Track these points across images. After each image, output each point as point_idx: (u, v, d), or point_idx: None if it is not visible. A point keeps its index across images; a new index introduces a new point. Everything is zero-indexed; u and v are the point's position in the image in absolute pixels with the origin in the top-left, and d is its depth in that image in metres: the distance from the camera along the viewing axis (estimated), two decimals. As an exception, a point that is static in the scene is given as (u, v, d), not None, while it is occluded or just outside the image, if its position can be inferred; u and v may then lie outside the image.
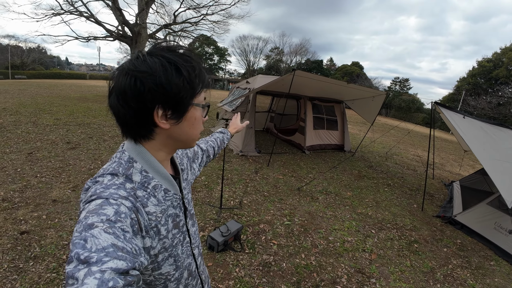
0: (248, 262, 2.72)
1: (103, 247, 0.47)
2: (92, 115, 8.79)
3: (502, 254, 3.56)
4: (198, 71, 0.66)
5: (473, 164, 10.00)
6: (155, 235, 0.66)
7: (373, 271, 2.87)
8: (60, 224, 2.90)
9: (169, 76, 0.61)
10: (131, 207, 0.58)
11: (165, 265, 0.72)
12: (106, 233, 0.49)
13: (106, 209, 0.54)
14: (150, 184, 0.67)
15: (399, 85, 42.49)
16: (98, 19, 13.89)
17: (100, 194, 0.57)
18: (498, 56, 29.50)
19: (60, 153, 4.98)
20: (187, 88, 0.64)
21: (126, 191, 0.61)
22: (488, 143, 3.89)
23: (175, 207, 0.75)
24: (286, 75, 5.43)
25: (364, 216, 4.14)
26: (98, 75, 39.76)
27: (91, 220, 0.51)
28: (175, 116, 0.65)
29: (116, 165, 0.65)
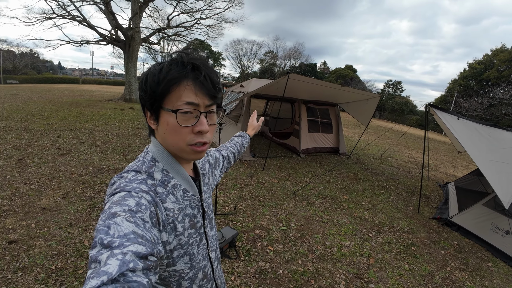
0: (243, 270, 2.65)
1: (125, 234, 0.50)
2: (84, 120, 8.68)
3: (499, 255, 3.54)
4: (165, 73, 0.66)
5: (467, 165, 10.08)
6: (172, 230, 0.70)
7: (372, 276, 2.82)
8: (49, 233, 2.81)
9: (142, 83, 0.69)
10: (151, 200, 0.63)
11: (180, 263, 0.75)
12: (128, 222, 0.53)
13: (128, 200, 0.58)
14: (169, 183, 0.72)
15: (392, 88, 42.97)
16: (91, 23, 13.78)
17: (123, 187, 0.62)
18: (489, 58, 30.02)
19: (50, 159, 4.87)
20: (150, 91, 0.67)
21: (147, 186, 0.66)
22: (482, 143, 3.90)
23: (193, 208, 0.78)
24: (280, 78, 5.41)
25: (361, 220, 4.11)
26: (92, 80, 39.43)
27: (114, 210, 0.55)
28: (154, 118, 0.71)
29: (140, 163, 0.72)
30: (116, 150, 5.87)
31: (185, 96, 0.66)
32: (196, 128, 0.69)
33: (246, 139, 1.38)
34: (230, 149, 1.22)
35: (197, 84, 0.67)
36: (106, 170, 4.66)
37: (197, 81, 0.67)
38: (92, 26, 13.83)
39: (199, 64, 0.68)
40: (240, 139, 1.35)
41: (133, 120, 9.81)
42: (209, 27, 16.84)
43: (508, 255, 3.46)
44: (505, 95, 23.90)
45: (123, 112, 11.41)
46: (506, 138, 3.83)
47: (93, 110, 11.07)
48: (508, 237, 3.48)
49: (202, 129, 0.69)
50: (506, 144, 3.71)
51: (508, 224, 3.45)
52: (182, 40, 18.48)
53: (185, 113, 0.67)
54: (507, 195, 3.05)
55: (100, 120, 9.05)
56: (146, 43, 16.25)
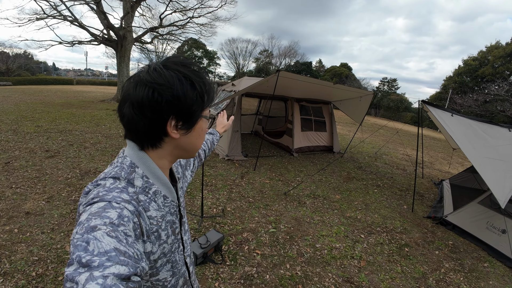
0: (228, 275, 2.54)
1: (106, 251, 0.46)
2: (75, 122, 8.53)
3: (495, 254, 3.46)
4: (208, 87, 0.70)
5: (462, 161, 10.04)
6: (156, 240, 0.68)
7: (362, 279, 2.72)
8: (32, 238, 2.77)
9: (185, 89, 0.65)
10: (133, 211, 0.59)
11: (163, 271, 0.73)
12: (109, 237, 0.49)
13: (109, 212, 0.54)
14: (151, 190, 0.69)
15: (387, 85, 43.03)
16: (82, 23, 13.58)
17: (102, 196, 0.57)
18: (484, 55, 30.14)
19: (37, 162, 4.76)
20: (199, 101, 0.68)
21: (129, 195, 0.62)
22: (478, 140, 3.81)
23: (172, 214, 0.76)
24: (270, 76, 5.31)
25: (353, 220, 4.01)
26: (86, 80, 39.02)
27: (94, 223, 0.50)
28: (185, 126, 0.69)
29: (118, 169, 0.66)
30: (105, 151, 5.75)
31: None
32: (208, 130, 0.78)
33: (217, 137, 1.37)
34: (201, 147, 1.18)
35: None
36: (93, 173, 4.55)
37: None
38: (83, 26, 13.64)
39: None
40: (211, 136, 1.33)
41: (125, 120, 9.66)
42: (202, 26, 16.68)
43: (504, 254, 3.38)
44: (500, 91, 23.96)
45: (115, 112, 11.10)
46: (501, 135, 3.74)
47: (85, 111, 10.91)
48: (504, 236, 3.40)
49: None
50: (502, 140, 3.62)
51: (504, 223, 3.37)
52: (175, 39, 18.34)
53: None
54: (503, 194, 2.96)
55: (91, 121, 8.91)
56: (138, 42, 16.07)
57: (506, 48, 27.20)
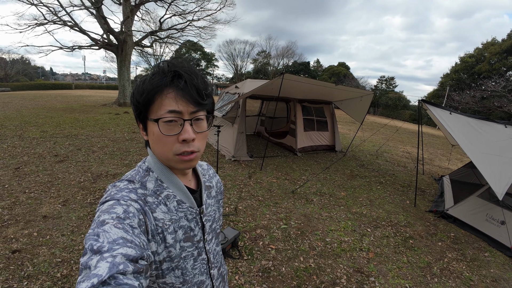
0: (247, 269, 2.70)
1: (114, 240, 0.51)
2: (80, 126, 8.64)
3: (495, 245, 3.64)
4: (148, 83, 0.66)
5: (461, 157, 10.23)
6: (161, 241, 0.68)
7: (372, 269, 2.89)
8: (52, 241, 2.82)
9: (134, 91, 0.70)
10: (139, 209, 0.63)
11: (170, 275, 0.72)
12: (116, 228, 0.54)
13: (116, 208, 0.59)
14: (162, 193, 0.72)
15: (385, 84, 43.26)
16: (82, 28, 13.70)
17: (113, 196, 0.63)
18: (480, 51, 30.33)
19: (48, 166, 4.86)
20: (135, 103, 0.69)
21: (137, 195, 0.66)
22: (475, 137, 3.98)
23: (190, 220, 0.76)
24: (275, 79, 5.46)
25: (359, 215, 4.18)
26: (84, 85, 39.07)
27: (103, 218, 0.56)
28: (144, 129, 0.72)
29: (134, 173, 0.73)
30: (113, 155, 5.87)
31: (166, 104, 0.65)
32: (181, 136, 0.66)
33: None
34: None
35: (178, 92, 0.65)
36: (105, 176, 4.66)
37: (178, 88, 0.65)
38: (83, 31, 13.76)
39: (181, 72, 0.66)
40: None
41: (129, 124, 9.79)
42: (201, 29, 16.86)
43: (504, 244, 3.54)
44: (497, 87, 24.20)
45: (118, 116, 11.38)
46: (497, 131, 3.92)
47: (88, 115, 11.02)
48: (503, 227, 3.57)
49: (186, 137, 0.66)
50: (498, 136, 3.80)
51: (503, 215, 3.54)
52: (174, 43, 18.47)
53: (169, 122, 0.65)
54: (501, 186, 3.13)
55: (95, 125, 9.02)
56: (138, 46, 16.21)
57: (502, 44, 27.35)
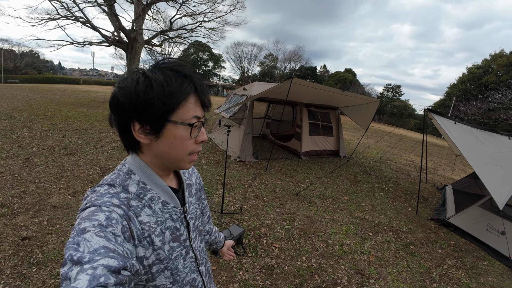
0: (251, 266, 2.77)
1: (95, 249, 0.49)
2: (88, 121, 8.78)
3: (495, 254, 3.68)
4: (170, 88, 0.64)
5: (465, 168, 10.23)
6: (149, 245, 0.67)
7: (372, 272, 2.95)
8: (62, 230, 2.89)
9: (139, 92, 0.62)
10: (122, 214, 0.60)
11: (160, 277, 0.71)
12: (98, 236, 0.51)
13: (98, 215, 0.56)
14: (146, 196, 0.69)
15: (391, 92, 43.22)
16: (94, 25, 13.91)
17: (94, 202, 0.60)
18: (488, 63, 30.26)
19: (57, 158, 4.97)
20: (158, 104, 0.63)
21: (120, 200, 0.63)
22: (479, 147, 4.04)
23: (175, 220, 0.75)
24: (283, 82, 5.55)
25: (361, 220, 4.24)
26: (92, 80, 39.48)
27: (83, 225, 0.53)
28: (153, 132, 0.65)
29: (115, 176, 0.69)
30: (121, 150, 5.95)
31: (193, 110, 0.68)
32: (200, 138, 0.72)
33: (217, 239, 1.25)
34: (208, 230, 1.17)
35: (202, 99, 0.70)
36: (113, 170, 4.75)
37: (201, 95, 0.70)
38: (95, 28, 13.97)
39: (200, 78, 0.71)
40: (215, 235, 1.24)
41: (136, 121, 9.90)
42: (211, 30, 17.00)
43: (503, 254, 3.59)
44: (504, 100, 24.14)
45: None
46: (501, 142, 3.97)
47: (96, 110, 11.17)
48: (503, 237, 3.61)
49: (204, 138, 0.73)
50: (501, 148, 3.85)
51: (503, 225, 3.59)
52: (183, 42, 18.65)
53: (195, 126, 0.69)
54: (502, 196, 3.19)
55: (103, 120, 9.15)
56: (148, 45, 16.39)
57: (510, 57, 27.29)
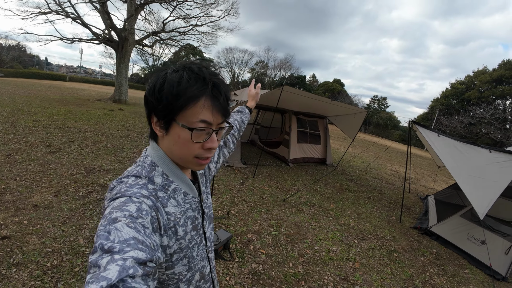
0: (238, 271, 2.75)
1: (125, 239, 0.50)
2: (73, 119, 8.56)
3: (475, 263, 3.81)
4: (184, 87, 0.65)
5: (446, 179, 10.55)
6: (173, 235, 0.69)
7: (357, 278, 2.99)
8: (43, 230, 2.80)
9: (156, 88, 0.66)
10: (152, 205, 0.62)
11: (179, 265, 0.74)
12: (128, 227, 0.52)
13: (129, 206, 0.57)
14: (170, 187, 0.72)
15: (378, 103, 44.32)
16: (84, 21, 13.67)
17: (124, 192, 0.61)
18: (471, 79, 31.50)
19: (40, 156, 4.81)
20: (165, 103, 0.65)
21: (148, 191, 0.65)
22: (460, 160, 4.18)
23: (194, 210, 0.78)
24: (274, 90, 5.61)
25: (347, 227, 4.30)
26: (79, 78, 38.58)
27: (115, 215, 0.54)
28: (163, 127, 0.69)
29: (140, 168, 0.71)
30: (107, 150, 5.84)
31: (202, 115, 0.66)
32: (207, 144, 0.70)
33: (245, 115, 1.24)
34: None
35: (215, 104, 0.67)
36: (98, 170, 4.64)
37: (216, 101, 0.67)
38: (86, 25, 13.72)
39: (219, 83, 0.68)
40: (239, 115, 1.22)
41: (123, 121, 9.74)
42: (203, 34, 17.00)
43: (483, 263, 3.71)
44: (485, 115, 25.15)
45: (112, 113, 11.31)
46: (481, 155, 4.12)
47: (82, 109, 10.92)
48: (483, 247, 3.74)
49: (213, 146, 0.70)
50: (482, 160, 4.00)
51: (483, 235, 3.71)
52: (175, 45, 18.56)
53: (200, 131, 0.67)
54: (482, 207, 3.31)
55: (89, 119, 8.95)
56: (139, 45, 16.23)
57: (493, 73, 28.47)
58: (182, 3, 15.04)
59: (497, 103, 27.93)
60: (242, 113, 1.24)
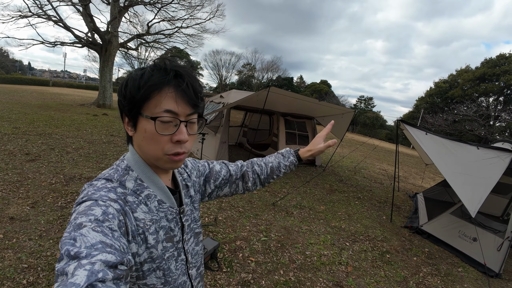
0: (226, 282, 2.63)
1: (92, 244, 0.48)
2: (54, 125, 8.26)
3: (468, 260, 3.80)
4: (146, 79, 0.63)
5: (434, 176, 10.70)
6: (142, 242, 0.66)
7: (350, 283, 2.91)
8: (19, 244, 2.65)
9: (123, 85, 0.67)
10: (119, 209, 0.60)
11: (151, 277, 0.69)
12: (94, 231, 0.51)
13: (95, 209, 0.55)
14: (143, 193, 0.69)
15: (364, 103, 44.98)
16: (67, 24, 13.32)
17: (91, 196, 0.59)
18: (454, 78, 32.36)
19: (18, 165, 4.59)
20: (129, 97, 0.65)
21: (117, 194, 0.63)
22: (449, 157, 4.18)
23: (170, 220, 0.74)
24: (261, 91, 5.52)
25: (338, 229, 4.23)
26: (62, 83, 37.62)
27: (80, 220, 0.52)
28: (131, 124, 0.68)
29: (113, 171, 0.69)
30: (89, 157, 5.63)
31: (165, 103, 0.63)
32: (175, 137, 0.66)
33: (287, 162, 1.06)
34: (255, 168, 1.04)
35: (178, 92, 0.64)
36: (78, 179, 4.45)
37: (179, 89, 0.64)
38: (68, 28, 13.38)
39: (182, 72, 0.66)
40: (277, 159, 1.06)
41: (107, 126, 9.48)
42: (189, 36, 16.84)
43: (476, 260, 3.71)
44: (469, 112, 25.86)
45: (96, 118, 11.00)
46: (470, 152, 4.14)
47: (64, 114, 10.58)
48: (475, 244, 3.73)
49: (181, 138, 0.66)
50: (470, 157, 4.01)
51: (475, 232, 3.72)
52: (160, 48, 18.32)
53: (165, 122, 0.64)
54: (473, 204, 3.29)
55: (71, 125, 8.66)
56: (123, 48, 15.92)
57: (476, 72, 29.32)
58: (167, 5, 14.87)
59: (480, 100, 28.78)
60: (285, 158, 1.06)
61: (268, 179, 1.06)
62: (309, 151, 1.05)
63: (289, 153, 1.08)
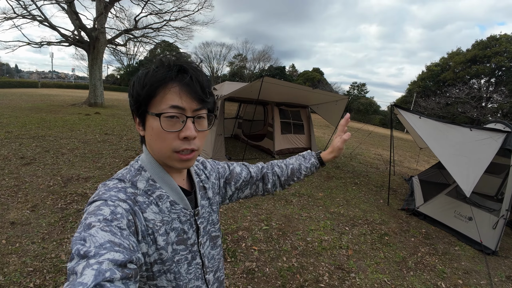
0: (231, 271, 2.69)
1: (100, 244, 0.49)
2: (47, 127, 8.16)
3: (464, 239, 3.91)
4: (150, 76, 0.63)
5: (428, 159, 10.86)
6: (152, 242, 0.65)
7: (352, 266, 3.00)
8: (22, 249, 2.65)
9: (131, 84, 0.68)
10: (128, 209, 0.60)
11: (161, 278, 0.68)
12: (103, 231, 0.51)
13: (103, 209, 0.56)
14: (154, 193, 0.68)
15: (357, 90, 45.03)
16: (52, 23, 13.01)
17: (101, 196, 0.60)
18: (445, 61, 32.41)
19: (14, 169, 4.55)
20: (136, 95, 0.65)
21: (126, 194, 0.63)
22: (442, 139, 4.26)
23: (183, 222, 0.72)
24: (254, 81, 5.51)
25: (337, 215, 4.31)
26: (51, 83, 36.92)
27: (89, 221, 0.53)
28: (141, 123, 0.68)
29: (126, 171, 0.70)
30: (84, 157, 5.60)
31: (169, 99, 0.62)
32: (182, 133, 0.64)
33: (308, 164, 1.04)
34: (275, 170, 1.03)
35: (183, 87, 0.63)
36: (76, 179, 4.43)
37: (183, 83, 0.63)
38: (53, 27, 13.07)
39: (186, 67, 0.64)
40: (298, 161, 1.05)
41: (101, 125, 9.39)
42: (178, 29, 16.56)
43: (472, 239, 3.81)
44: (461, 94, 26.08)
45: (88, 117, 10.87)
46: (463, 134, 4.22)
47: (56, 115, 10.44)
48: (471, 223, 3.84)
49: (188, 134, 0.64)
50: (463, 139, 4.09)
51: (470, 211, 3.81)
52: (149, 42, 18.03)
53: (171, 118, 0.63)
54: (468, 184, 3.37)
55: (64, 126, 8.56)
56: (111, 44, 15.63)
57: (467, 54, 29.34)
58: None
59: (472, 83, 28.98)
60: (306, 160, 1.05)
61: (289, 181, 1.04)
62: (331, 153, 1.04)
63: (310, 155, 1.07)
